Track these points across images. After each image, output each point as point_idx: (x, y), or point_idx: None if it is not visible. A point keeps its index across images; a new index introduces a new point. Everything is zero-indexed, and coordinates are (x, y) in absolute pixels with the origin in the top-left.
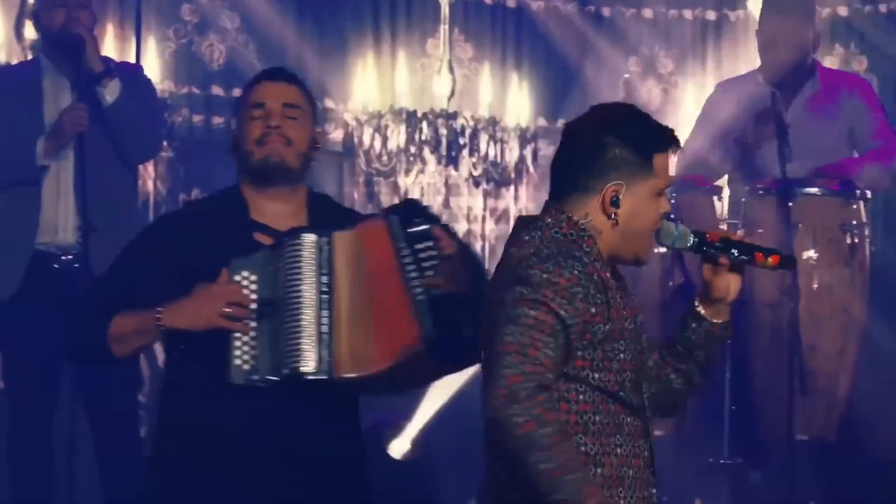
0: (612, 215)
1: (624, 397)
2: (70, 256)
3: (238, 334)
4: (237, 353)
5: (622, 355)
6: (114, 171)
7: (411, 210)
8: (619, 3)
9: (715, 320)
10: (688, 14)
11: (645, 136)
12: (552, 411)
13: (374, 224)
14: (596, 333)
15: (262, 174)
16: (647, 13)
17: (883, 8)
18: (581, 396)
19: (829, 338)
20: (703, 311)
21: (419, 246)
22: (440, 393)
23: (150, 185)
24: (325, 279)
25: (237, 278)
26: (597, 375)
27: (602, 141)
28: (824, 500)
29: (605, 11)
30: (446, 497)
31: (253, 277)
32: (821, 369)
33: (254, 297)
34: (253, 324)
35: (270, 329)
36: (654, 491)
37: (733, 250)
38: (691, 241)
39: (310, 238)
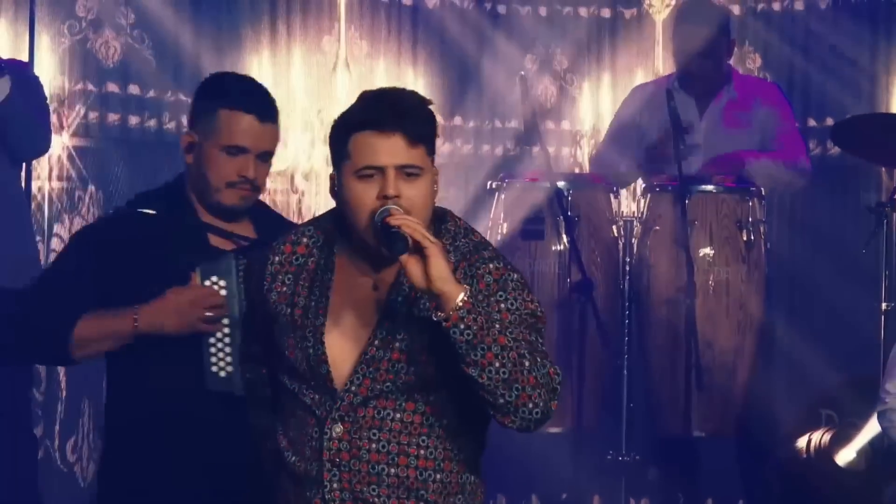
0: (338, 203)
1: (283, 381)
2: None
3: (213, 341)
4: (213, 359)
5: (275, 340)
6: (1, 171)
7: None
8: (514, 0)
9: (439, 314)
10: (583, 11)
11: (341, 120)
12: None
13: None
14: (266, 314)
15: (223, 214)
16: (543, 10)
17: (776, 6)
18: (277, 379)
19: (726, 334)
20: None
21: None
22: None
23: (45, 184)
24: None
25: (207, 283)
26: (273, 359)
27: None
28: (722, 496)
29: (501, 9)
30: None
31: (222, 283)
32: (717, 366)
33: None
34: (226, 330)
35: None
36: (330, 485)
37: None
38: (375, 226)
39: None
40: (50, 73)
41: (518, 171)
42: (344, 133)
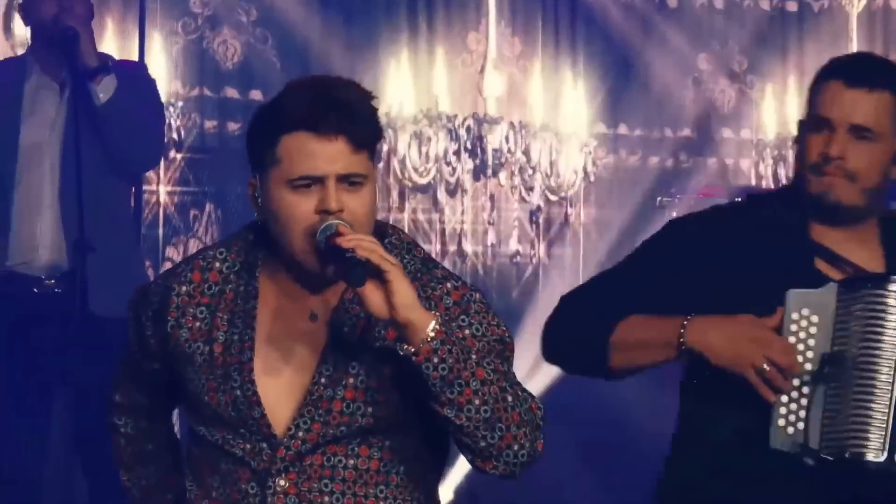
0: (261, 216)
1: (201, 433)
2: (53, 280)
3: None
4: (783, 411)
5: (189, 385)
6: (106, 182)
7: None
8: None
9: (407, 348)
10: (765, 4)
11: (266, 115)
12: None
13: None
14: (173, 354)
15: (815, 209)
16: (719, 3)
17: None
18: (192, 427)
19: None
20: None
21: None
22: None
23: (157, 198)
24: None
25: (795, 316)
26: (186, 404)
27: None
28: None
29: (672, 1)
30: None
31: (814, 319)
32: None
33: (811, 343)
34: (805, 378)
35: (829, 393)
36: None
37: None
38: (319, 246)
39: None
40: (162, 76)
41: (690, 186)
42: (271, 133)
